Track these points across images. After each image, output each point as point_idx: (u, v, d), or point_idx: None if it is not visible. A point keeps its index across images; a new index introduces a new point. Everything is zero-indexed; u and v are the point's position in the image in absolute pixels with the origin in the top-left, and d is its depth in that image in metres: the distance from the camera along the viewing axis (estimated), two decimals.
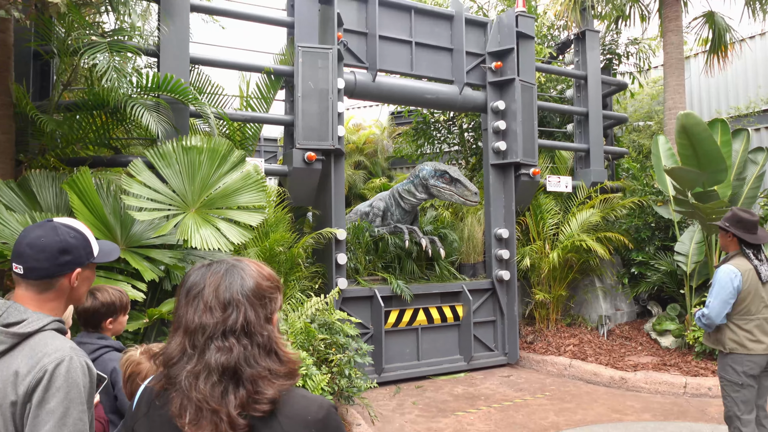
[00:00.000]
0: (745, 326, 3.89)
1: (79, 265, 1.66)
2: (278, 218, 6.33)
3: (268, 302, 1.29)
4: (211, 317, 1.24)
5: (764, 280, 3.91)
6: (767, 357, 3.91)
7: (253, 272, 1.32)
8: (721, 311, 3.89)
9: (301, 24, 6.69)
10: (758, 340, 3.86)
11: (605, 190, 9.06)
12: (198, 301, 1.26)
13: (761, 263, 3.94)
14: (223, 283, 1.27)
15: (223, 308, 1.24)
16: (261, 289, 1.29)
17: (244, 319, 1.24)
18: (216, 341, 1.22)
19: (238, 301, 1.25)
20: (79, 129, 5.41)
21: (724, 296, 3.87)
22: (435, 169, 7.68)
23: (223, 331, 1.22)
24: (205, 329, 1.23)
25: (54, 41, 5.06)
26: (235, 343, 1.22)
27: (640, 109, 12.35)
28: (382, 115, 15.80)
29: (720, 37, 9.54)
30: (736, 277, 3.87)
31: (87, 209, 4.47)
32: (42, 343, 1.50)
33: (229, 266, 1.32)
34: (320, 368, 5.00)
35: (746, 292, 3.88)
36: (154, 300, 4.95)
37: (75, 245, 1.65)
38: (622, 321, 8.75)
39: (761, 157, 7.34)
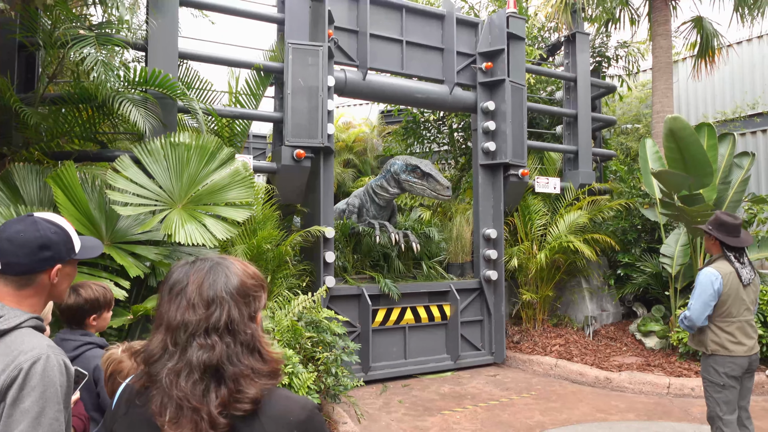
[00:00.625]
0: (727, 328, 3.94)
1: (60, 261, 1.63)
2: (266, 216, 6.29)
3: (252, 300, 1.28)
4: (194, 314, 1.22)
5: (745, 282, 3.95)
6: (748, 359, 3.95)
7: (238, 270, 1.30)
8: (701, 313, 3.94)
9: (292, 21, 6.66)
10: (739, 342, 3.91)
11: (593, 192, 9.12)
12: (181, 298, 1.25)
13: (742, 266, 3.98)
14: (207, 281, 1.25)
15: (206, 306, 1.22)
16: (245, 287, 1.27)
17: (227, 317, 1.22)
18: (198, 339, 1.20)
19: (222, 298, 1.23)
20: (64, 123, 5.34)
21: (705, 298, 3.92)
22: (406, 164, 7.63)
23: (206, 329, 1.21)
24: (188, 326, 1.21)
25: (40, 33, 4.98)
26: (218, 341, 1.20)
27: (629, 112, 12.44)
28: (372, 114, 15.77)
29: (708, 41, 9.63)
30: (717, 280, 3.92)
31: (71, 204, 4.42)
32: (18, 340, 1.46)
33: (213, 264, 1.30)
34: (307, 366, 4.99)
35: (726, 295, 3.93)
36: (138, 296, 4.91)
37: (55, 241, 1.62)
38: (607, 322, 8.81)
39: (746, 162, 7.42)
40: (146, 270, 4.65)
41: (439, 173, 7.56)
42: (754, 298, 4.05)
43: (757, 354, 4.01)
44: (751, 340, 3.96)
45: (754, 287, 4.06)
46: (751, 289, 4.03)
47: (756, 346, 3.99)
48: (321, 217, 6.77)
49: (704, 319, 3.95)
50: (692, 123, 11.34)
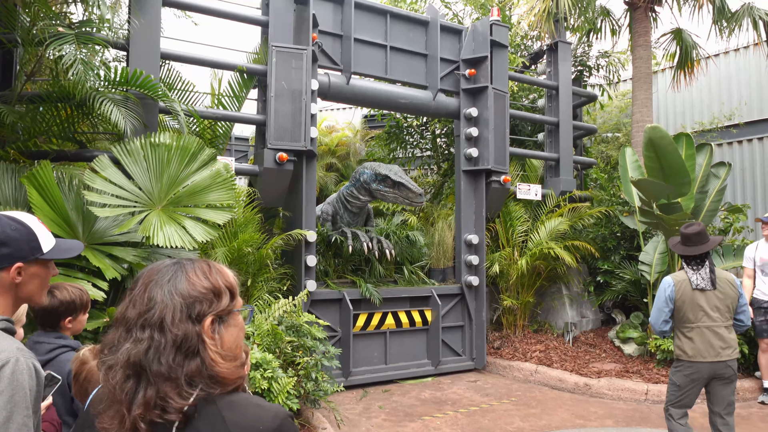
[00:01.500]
0: (688, 333, 4.11)
1: (20, 259, 1.58)
2: (247, 219, 6.24)
3: (196, 303, 1.22)
4: (134, 310, 1.20)
5: (696, 287, 4.08)
6: (711, 365, 4.03)
7: (195, 273, 1.26)
8: (657, 318, 4.17)
9: (276, 23, 6.63)
10: (698, 348, 4.05)
11: (574, 200, 9.20)
12: (130, 294, 1.24)
13: (695, 273, 4.12)
14: (155, 278, 1.24)
15: (146, 302, 1.20)
16: (192, 289, 1.23)
17: (161, 314, 1.18)
18: (133, 333, 1.18)
19: (163, 296, 1.20)
20: (42, 121, 5.25)
21: (659, 304, 4.17)
22: (375, 174, 7.44)
23: (141, 324, 1.18)
24: (127, 321, 1.20)
25: (18, 30, 4.90)
26: (147, 337, 1.17)
27: (609, 121, 12.60)
28: (356, 118, 15.76)
29: (687, 53, 9.80)
30: (669, 287, 4.14)
31: (47, 204, 4.33)
32: None
33: (173, 265, 1.27)
34: (286, 371, 4.94)
35: (681, 301, 4.11)
36: (116, 298, 4.82)
37: (15, 237, 1.57)
38: (587, 328, 8.88)
39: (723, 172, 7.55)
40: (124, 272, 4.58)
41: (409, 180, 7.37)
42: (721, 305, 4.08)
43: (729, 362, 4.04)
44: (713, 347, 4.02)
45: (721, 294, 4.09)
46: (714, 296, 4.08)
47: (726, 354, 4.02)
48: (303, 221, 6.74)
49: (661, 323, 4.15)
50: (671, 133, 11.52)
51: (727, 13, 9.40)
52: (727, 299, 4.10)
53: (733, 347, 4.07)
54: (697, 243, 4.12)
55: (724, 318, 4.09)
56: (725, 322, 4.09)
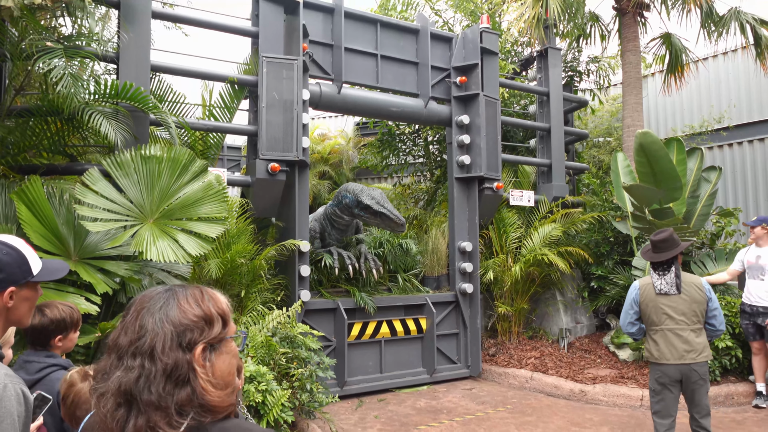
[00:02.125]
0: (654, 336, 4.27)
1: (13, 283, 1.58)
2: (240, 229, 6.22)
3: (187, 332, 1.21)
4: (125, 337, 1.20)
5: (657, 291, 4.22)
6: (677, 368, 4.13)
7: (187, 300, 1.25)
8: (623, 320, 4.41)
9: (266, 34, 6.64)
10: (661, 350, 4.19)
11: (566, 205, 9.23)
12: (122, 321, 1.24)
13: (659, 277, 4.24)
14: (147, 306, 1.23)
15: (138, 330, 1.20)
16: (183, 317, 1.22)
17: (151, 342, 1.18)
18: (125, 361, 1.18)
19: (154, 324, 1.20)
20: (32, 135, 5.23)
21: (625, 307, 4.42)
22: (357, 201, 7.22)
23: (132, 352, 1.18)
24: (119, 348, 1.20)
25: (6, 45, 4.88)
26: (138, 365, 1.16)
27: (600, 126, 12.66)
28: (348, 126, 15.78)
29: (677, 57, 9.87)
30: (635, 291, 4.36)
31: (37, 220, 4.30)
32: None
33: (165, 292, 1.27)
34: (281, 383, 4.92)
35: (644, 304, 4.29)
36: (108, 313, 4.80)
37: (7, 262, 1.57)
38: (582, 334, 8.88)
39: (714, 176, 7.59)
40: (116, 286, 4.55)
41: (391, 209, 7.13)
42: (687, 309, 4.16)
43: (695, 365, 4.12)
44: (676, 350, 4.12)
45: (687, 297, 4.18)
46: (679, 299, 4.17)
47: (690, 357, 4.11)
48: (296, 231, 6.72)
49: (627, 324, 4.39)
50: (661, 136, 11.60)
51: (714, 17, 9.48)
52: (693, 303, 4.18)
53: (698, 351, 4.14)
54: (664, 249, 4.22)
55: (690, 321, 4.17)
56: (692, 325, 4.17)
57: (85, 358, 4.40)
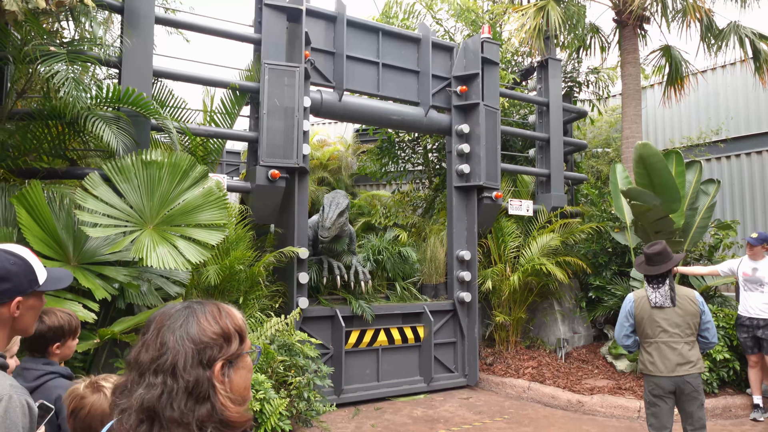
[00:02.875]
0: (647, 348, 4.28)
1: (20, 293, 1.58)
2: (239, 236, 6.21)
3: (207, 349, 1.23)
4: (147, 354, 1.21)
5: (654, 305, 4.22)
6: (671, 380, 4.15)
7: (206, 317, 1.27)
8: (618, 332, 4.42)
9: (269, 41, 6.65)
10: (655, 362, 4.21)
11: (565, 215, 9.25)
12: (143, 337, 1.25)
13: (654, 291, 4.25)
14: (167, 323, 1.25)
15: (159, 347, 1.21)
16: (203, 335, 1.24)
17: (173, 359, 1.19)
18: (146, 378, 1.19)
19: (175, 341, 1.21)
20: (33, 139, 5.22)
21: (620, 319, 4.41)
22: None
23: (154, 369, 1.19)
24: (141, 365, 1.21)
25: (9, 48, 4.88)
26: (160, 383, 1.18)
27: (599, 136, 12.71)
28: (347, 132, 15.80)
29: (677, 69, 9.93)
30: (629, 303, 4.36)
31: (36, 224, 4.29)
32: None
33: (185, 308, 1.28)
34: (279, 392, 4.90)
35: (639, 317, 4.29)
36: (106, 319, 4.78)
37: (15, 272, 1.57)
38: (579, 344, 8.88)
39: (712, 189, 7.62)
40: (114, 292, 4.54)
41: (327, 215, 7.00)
42: (681, 321, 4.18)
43: (688, 377, 4.13)
44: (669, 362, 4.14)
45: (681, 311, 4.19)
46: (674, 312, 4.19)
47: (683, 369, 4.13)
48: (295, 238, 6.72)
49: (622, 337, 4.39)
50: (660, 147, 11.65)
51: (714, 30, 9.55)
52: (687, 316, 4.20)
53: (692, 363, 4.16)
54: (658, 263, 4.24)
55: (684, 334, 4.19)
56: (685, 338, 4.19)
57: (83, 365, 4.38)
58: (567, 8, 9.34)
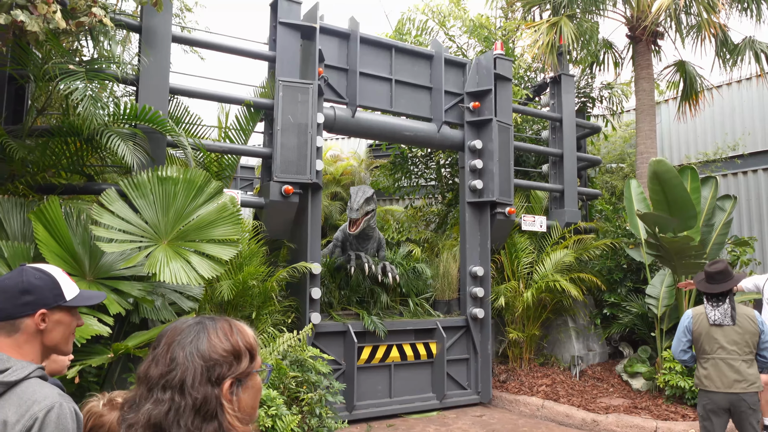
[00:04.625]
0: (704, 364, 4.31)
1: (44, 305, 1.64)
2: (252, 251, 6.25)
3: (216, 366, 1.23)
4: (156, 369, 1.22)
5: (711, 322, 4.28)
6: (726, 397, 4.18)
7: (217, 334, 1.27)
8: (676, 347, 4.46)
9: (283, 58, 6.74)
10: (712, 379, 4.23)
11: (579, 231, 9.18)
12: (154, 351, 1.26)
13: (713, 309, 4.30)
14: (178, 338, 1.25)
15: (168, 362, 1.21)
16: (213, 351, 1.24)
17: (182, 375, 1.19)
18: (155, 393, 1.20)
19: (185, 357, 1.21)
20: (51, 155, 5.31)
21: (678, 334, 4.46)
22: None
23: (163, 385, 1.20)
24: (149, 380, 1.21)
25: (30, 67, 4.99)
26: (168, 399, 1.18)
27: (613, 151, 12.64)
28: (360, 147, 15.89)
29: (691, 85, 9.89)
30: (687, 319, 4.42)
31: (53, 240, 4.35)
32: (30, 390, 1.50)
33: (196, 324, 1.28)
34: (290, 408, 4.89)
35: (697, 333, 4.35)
36: (120, 333, 4.81)
37: (38, 285, 1.65)
38: (594, 362, 8.77)
39: (729, 205, 7.54)
40: (129, 306, 4.57)
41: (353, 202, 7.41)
42: (740, 339, 4.21)
43: (744, 395, 4.14)
44: (726, 378, 4.18)
45: (740, 329, 4.23)
46: (732, 331, 4.23)
47: (740, 387, 4.15)
48: (308, 253, 6.74)
49: (680, 352, 4.43)
50: (675, 163, 11.56)
51: (729, 45, 9.51)
52: (746, 335, 4.23)
53: (749, 381, 4.17)
54: (720, 281, 4.30)
55: (743, 352, 4.21)
56: (743, 356, 4.21)
57: (97, 379, 4.41)
58: (580, 24, 9.36)
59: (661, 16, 9.26)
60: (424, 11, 10.84)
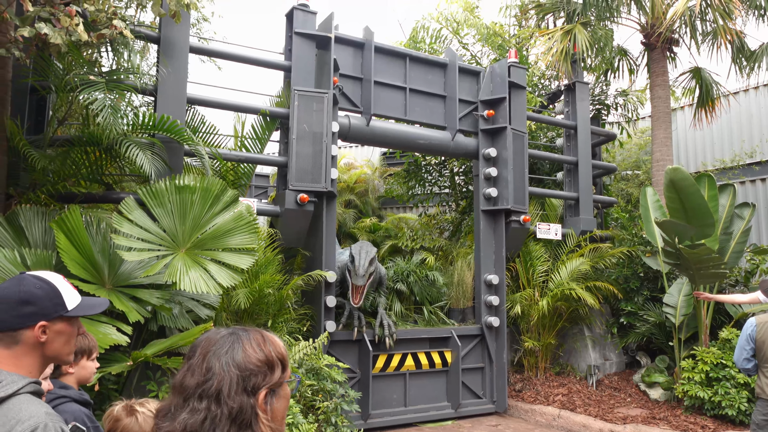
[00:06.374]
0: (766, 372, 4.25)
1: (45, 317, 1.57)
2: (268, 259, 6.28)
3: (252, 376, 1.25)
4: (193, 379, 1.23)
5: None
6: None
7: (251, 345, 1.29)
8: (738, 356, 4.40)
9: (298, 68, 6.80)
10: None
11: (594, 239, 9.12)
12: (189, 362, 1.27)
13: None
14: (213, 348, 1.26)
15: (204, 372, 1.23)
16: (248, 362, 1.26)
17: (218, 385, 1.21)
18: (191, 403, 1.21)
19: (221, 367, 1.23)
20: (72, 165, 5.39)
21: (741, 342, 4.37)
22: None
23: (199, 395, 1.21)
24: (186, 390, 1.23)
25: (52, 78, 5.08)
26: (204, 408, 1.19)
27: (629, 159, 12.55)
28: (374, 155, 15.93)
29: (707, 91, 9.81)
30: (751, 327, 4.34)
31: (74, 248, 4.41)
32: (16, 408, 1.42)
33: (230, 334, 1.31)
34: (306, 417, 4.90)
35: (761, 341, 4.27)
36: (139, 341, 4.86)
37: (39, 296, 1.57)
38: (611, 371, 8.69)
39: (747, 212, 7.45)
40: (147, 314, 4.61)
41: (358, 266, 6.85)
42: None
43: None
44: None
45: None
46: None
47: None
48: (323, 261, 6.76)
49: (743, 361, 4.36)
50: (691, 170, 11.45)
51: (746, 51, 9.44)
52: None
53: None
54: None
55: None
56: None
57: (117, 386, 4.45)
58: (594, 32, 9.34)
59: (676, 23, 9.21)
60: (438, 20, 10.88)
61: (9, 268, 4.21)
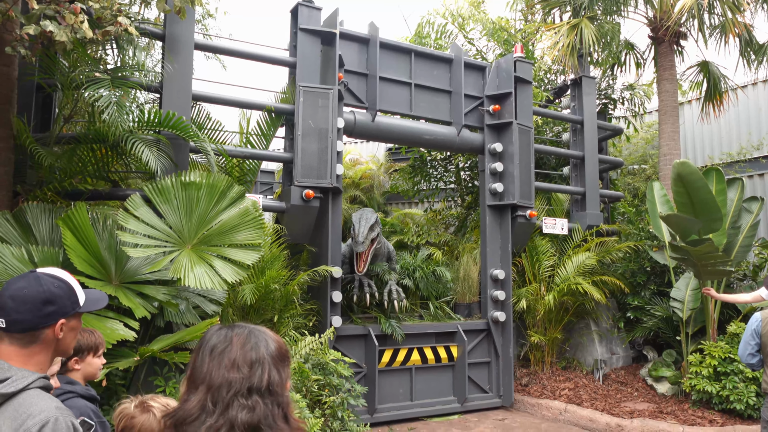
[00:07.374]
0: None
1: (64, 315, 1.62)
2: (274, 255, 6.30)
3: (286, 366, 1.33)
4: (238, 373, 1.25)
5: None
6: None
7: (273, 337, 1.37)
8: (743, 351, 4.31)
9: (303, 64, 6.79)
10: None
11: (601, 234, 9.09)
12: (224, 357, 1.28)
13: None
14: (249, 342, 1.30)
15: (249, 365, 1.26)
16: (282, 352, 1.33)
17: (268, 378, 1.26)
18: (240, 398, 1.23)
19: (264, 360, 1.28)
20: (78, 162, 5.42)
21: (745, 337, 4.29)
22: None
23: (248, 388, 1.24)
24: (231, 385, 1.24)
25: (58, 75, 5.11)
26: (259, 402, 1.23)
27: (635, 153, 12.49)
28: (380, 151, 15.91)
29: (715, 85, 9.74)
30: (756, 322, 4.25)
31: (81, 245, 4.44)
32: (26, 403, 1.44)
33: (250, 329, 1.36)
34: (313, 411, 4.92)
35: (766, 336, 4.18)
36: (146, 337, 4.89)
37: (59, 295, 1.61)
38: (617, 365, 8.67)
39: (755, 207, 7.40)
40: (154, 310, 4.64)
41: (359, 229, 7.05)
42: None
43: None
44: None
45: None
46: None
47: None
48: (329, 257, 6.77)
49: (747, 356, 4.27)
50: (698, 164, 11.38)
51: (755, 45, 9.36)
52: None
53: None
54: None
55: None
56: None
57: (124, 382, 4.48)
58: (601, 26, 9.28)
59: (683, 17, 9.14)
60: (444, 15, 10.84)
61: (16, 265, 4.25)
